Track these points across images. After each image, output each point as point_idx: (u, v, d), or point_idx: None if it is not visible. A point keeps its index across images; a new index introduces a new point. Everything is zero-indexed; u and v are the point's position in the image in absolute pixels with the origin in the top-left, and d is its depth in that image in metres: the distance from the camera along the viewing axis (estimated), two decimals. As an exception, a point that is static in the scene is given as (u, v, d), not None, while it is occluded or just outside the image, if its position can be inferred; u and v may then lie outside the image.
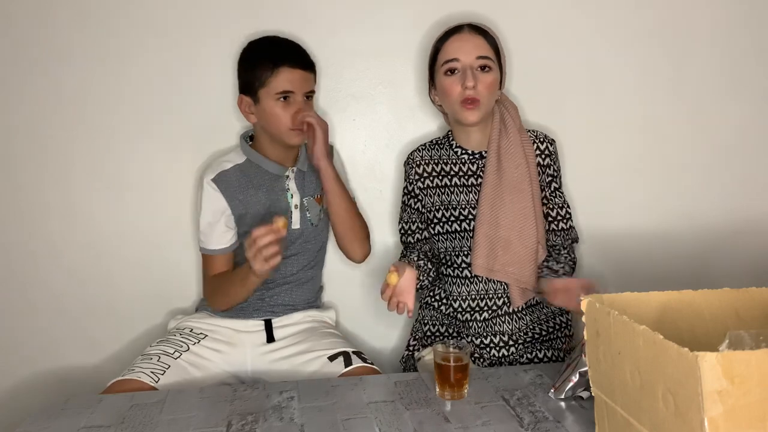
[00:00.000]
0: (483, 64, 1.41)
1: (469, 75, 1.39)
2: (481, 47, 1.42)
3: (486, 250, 1.43)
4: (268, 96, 1.44)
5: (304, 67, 1.46)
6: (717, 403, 0.68)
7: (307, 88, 1.47)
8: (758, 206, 1.85)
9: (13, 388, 1.69)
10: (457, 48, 1.42)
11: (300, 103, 1.45)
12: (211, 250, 1.52)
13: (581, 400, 1.14)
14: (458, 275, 1.49)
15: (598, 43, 1.75)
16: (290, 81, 1.43)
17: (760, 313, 0.96)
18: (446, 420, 1.08)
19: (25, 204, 1.66)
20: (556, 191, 1.51)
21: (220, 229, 1.51)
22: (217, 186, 1.49)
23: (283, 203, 1.53)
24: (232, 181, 1.51)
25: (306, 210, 1.55)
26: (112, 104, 1.65)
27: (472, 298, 1.48)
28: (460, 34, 1.43)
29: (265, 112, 1.46)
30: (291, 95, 1.44)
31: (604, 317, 0.88)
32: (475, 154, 1.49)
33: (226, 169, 1.51)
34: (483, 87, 1.40)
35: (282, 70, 1.43)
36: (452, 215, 1.48)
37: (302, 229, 1.55)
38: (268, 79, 1.43)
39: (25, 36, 1.61)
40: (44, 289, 1.68)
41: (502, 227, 1.42)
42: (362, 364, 1.40)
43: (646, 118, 1.79)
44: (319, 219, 1.58)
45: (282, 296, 1.56)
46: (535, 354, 1.47)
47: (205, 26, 1.65)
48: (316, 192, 1.57)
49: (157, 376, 1.34)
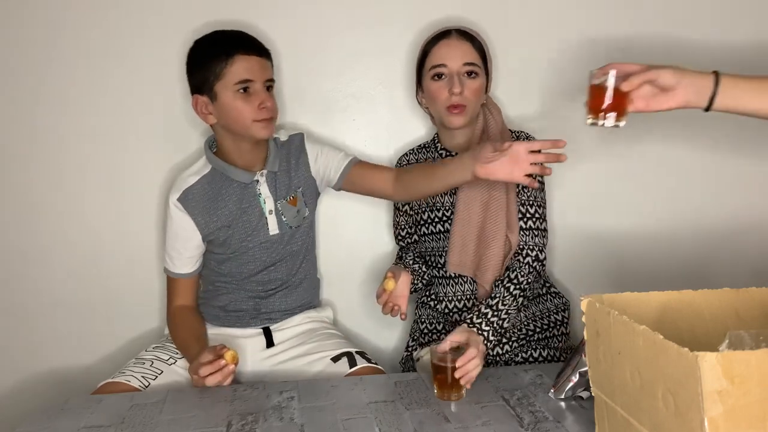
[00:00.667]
0: (470, 71, 1.43)
1: (456, 81, 1.41)
2: (469, 54, 1.43)
3: (458, 248, 1.45)
4: (225, 89, 1.35)
5: (259, 54, 1.38)
6: (717, 403, 0.68)
7: (266, 75, 1.38)
8: (758, 206, 1.85)
9: (12, 388, 1.69)
10: (445, 54, 1.43)
11: (261, 92, 1.37)
12: (175, 274, 1.49)
13: (581, 400, 1.14)
14: (443, 275, 1.51)
15: (593, 41, 1.75)
16: (248, 69, 1.35)
17: (760, 313, 0.96)
18: (446, 420, 1.08)
19: (20, 205, 1.66)
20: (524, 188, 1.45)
21: (186, 254, 1.47)
22: (183, 206, 1.44)
23: (256, 211, 1.47)
24: (199, 197, 1.44)
25: (281, 214, 1.49)
26: (103, 104, 1.65)
27: (458, 299, 1.49)
28: (448, 40, 1.44)
29: (224, 108, 1.36)
30: (250, 84, 1.35)
31: (604, 317, 0.88)
32: (456, 154, 1.51)
33: (190, 185, 1.45)
34: (469, 93, 1.42)
35: (237, 58, 1.34)
36: (436, 216, 1.51)
37: (281, 233, 1.49)
38: (224, 70, 1.33)
39: (16, 38, 1.61)
40: (43, 290, 1.68)
41: (473, 225, 1.44)
42: (367, 364, 1.39)
43: (645, 118, 1.78)
44: (302, 220, 1.52)
45: (277, 303, 1.53)
46: (530, 353, 1.47)
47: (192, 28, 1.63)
48: (289, 194, 1.50)
49: (148, 380, 1.33)
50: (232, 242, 1.47)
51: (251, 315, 1.52)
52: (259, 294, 1.52)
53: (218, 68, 1.34)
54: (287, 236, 1.51)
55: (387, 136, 1.74)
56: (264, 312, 1.53)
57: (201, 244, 1.48)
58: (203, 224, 1.45)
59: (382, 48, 1.71)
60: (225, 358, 1.26)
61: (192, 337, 1.44)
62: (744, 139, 1.82)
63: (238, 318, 1.52)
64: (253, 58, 1.37)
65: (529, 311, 1.50)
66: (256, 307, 1.52)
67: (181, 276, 1.50)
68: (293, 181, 1.50)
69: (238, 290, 1.52)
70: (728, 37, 1.76)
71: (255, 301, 1.52)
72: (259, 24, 1.62)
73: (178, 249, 1.48)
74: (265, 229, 1.47)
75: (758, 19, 1.79)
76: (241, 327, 1.52)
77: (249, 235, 1.47)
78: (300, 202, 1.51)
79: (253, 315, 1.52)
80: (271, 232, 1.48)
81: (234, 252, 1.48)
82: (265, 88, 1.39)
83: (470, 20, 1.62)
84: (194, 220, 1.45)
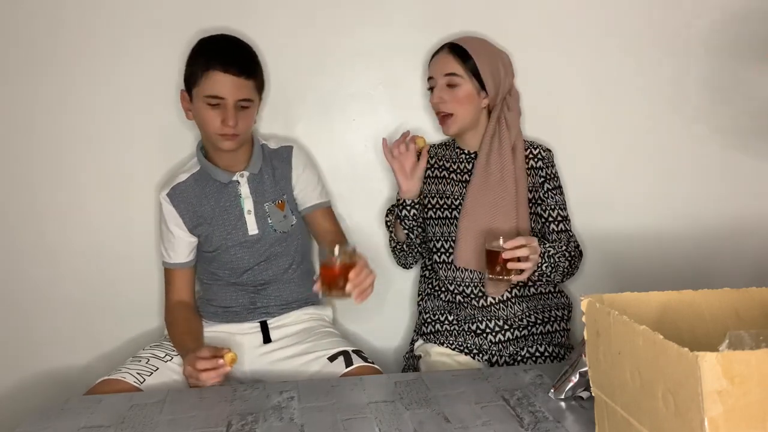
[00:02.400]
0: (448, 82, 1.50)
1: (436, 92, 1.52)
2: (449, 65, 1.50)
3: (464, 243, 1.50)
4: (198, 97, 1.40)
5: (238, 74, 1.38)
6: (717, 403, 0.68)
7: (239, 95, 1.39)
8: (758, 206, 1.85)
9: (12, 388, 1.69)
10: (432, 67, 1.55)
11: (231, 110, 1.38)
12: (171, 264, 1.54)
13: (581, 400, 1.14)
14: (444, 261, 1.55)
15: (597, 48, 1.75)
16: (220, 85, 1.37)
17: (760, 313, 0.96)
18: (446, 420, 1.08)
19: (22, 205, 1.66)
20: (549, 192, 1.55)
21: (178, 243, 1.52)
22: (170, 200, 1.51)
23: (236, 210, 1.51)
24: (186, 193, 1.51)
25: (267, 216, 1.52)
26: (102, 105, 1.65)
27: (458, 284, 1.54)
28: (438, 55, 1.54)
29: (196, 112, 1.43)
30: (220, 101, 1.38)
31: (604, 317, 0.88)
32: (470, 154, 1.58)
33: (181, 182, 1.52)
34: (452, 101, 1.50)
35: (212, 73, 1.37)
36: (445, 203, 1.57)
37: (261, 234, 1.51)
38: (199, 80, 1.38)
39: (18, 40, 1.61)
40: (43, 290, 1.68)
41: (481, 222, 1.49)
42: (363, 363, 1.39)
43: (646, 118, 1.79)
44: (289, 227, 1.55)
45: (272, 296, 1.55)
46: (536, 348, 1.50)
47: (194, 29, 1.64)
48: (278, 197, 1.53)
49: (143, 377, 1.34)
50: (213, 239, 1.51)
51: (247, 309, 1.54)
52: (251, 289, 1.54)
53: (195, 76, 1.40)
54: (271, 238, 1.53)
55: (387, 136, 1.74)
56: (260, 306, 1.54)
57: (191, 237, 1.52)
58: (187, 219, 1.51)
59: (382, 48, 1.71)
60: (224, 358, 1.27)
61: (188, 334, 1.46)
62: (744, 139, 1.83)
63: (235, 313, 1.54)
64: (229, 77, 1.38)
65: (531, 303, 1.53)
66: (251, 301, 1.54)
67: (178, 266, 1.53)
68: (278, 186, 1.53)
69: (231, 286, 1.54)
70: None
71: (250, 295, 1.54)
72: (260, 24, 1.63)
73: (171, 240, 1.53)
74: (243, 229, 1.50)
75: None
76: (238, 322, 1.53)
77: (229, 233, 1.51)
78: (286, 208, 1.55)
79: (250, 309, 1.54)
80: (251, 232, 1.51)
81: (216, 250, 1.52)
82: (238, 106, 1.40)
83: (469, 20, 1.63)
84: (180, 215, 1.51)
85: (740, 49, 1.79)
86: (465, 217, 1.51)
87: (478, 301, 1.52)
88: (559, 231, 1.54)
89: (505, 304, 1.52)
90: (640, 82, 1.78)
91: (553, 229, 1.54)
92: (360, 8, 1.69)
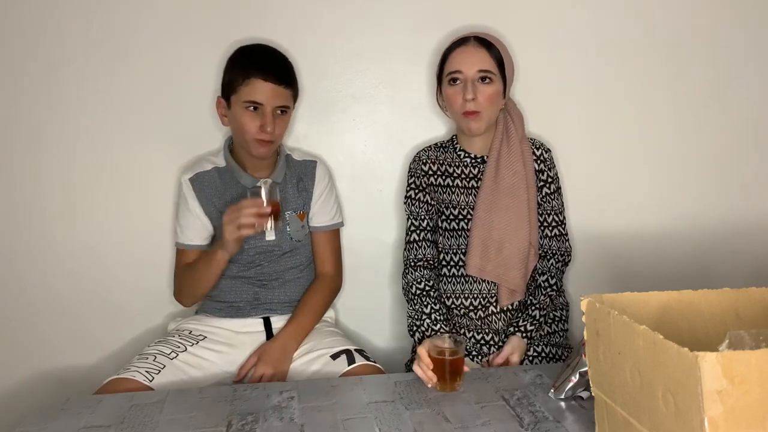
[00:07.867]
0: (483, 77, 1.44)
1: (469, 87, 1.43)
2: (484, 61, 1.45)
3: (479, 251, 1.48)
4: (237, 103, 1.44)
5: (278, 82, 1.44)
6: (717, 403, 0.68)
7: (277, 102, 1.45)
8: (758, 206, 1.85)
9: (12, 388, 1.69)
10: (461, 60, 1.45)
11: (268, 115, 1.44)
12: (184, 245, 1.55)
13: (581, 400, 1.14)
14: (453, 274, 1.52)
15: (597, 47, 1.75)
16: (260, 92, 1.42)
17: (760, 313, 0.96)
18: (446, 420, 1.08)
19: (24, 204, 1.66)
20: (548, 196, 1.53)
21: (194, 225, 1.54)
22: (192, 186, 1.53)
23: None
24: (207, 183, 1.53)
25: (287, 224, 1.55)
26: (110, 106, 1.65)
27: (465, 297, 1.52)
28: (466, 47, 1.46)
29: (234, 118, 1.46)
30: (259, 106, 1.43)
31: (604, 317, 0.88)
32: (477, 158, 1.54)
33: (205, 170, 1.54)
34: (483, 99, 1.44)
35: (253, 81, 1.42)
36: (451, 213, 1.53)
37: (278, 241, 1.54)
38: (239, 87, 1.43)
39: (25, 40, 1.61)
40: (44, 289, 1.68)
41: (495, 230, 1.47)
42: (365, 362, 1.40)
43: (646, 119, 1.79)
44: (304, 236, 1.59)
45: (277, 292, 1.56)
46: (533, 348, 1.49)
47: (203, 29, 1.65)
48: (299, 208, 1.57)
49: (152, 375, 1.34)
50: None
51: (251, 305, 1.55)
52: (257, 283, 1.55)
53: (236, 83, 1.44)
54: (287, 245, 1.55)
55: (387, 136, 1.74)
56: (264, 302, 1.55)
57: (207, 220, 1.54)
58: (206, 209, 1.53)
59: (383, 48, 1.71)
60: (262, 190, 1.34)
61: (203, 253, 1.51)
62: (744, 139, 1.83)
63: (238, 309, 1.54)
64: (269, 84, 1.43)
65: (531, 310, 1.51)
66: (255, 296, 1.55)
67: (192, 247, 1.55)
68: (301, 196, 1.57)
69: (235, 279, 1.55)
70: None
71: (255, 290, 1.55)
72: (259, 24, 1.63)
73: (186, 220, 1.54)
74: (261, 234, 1.51)
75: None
76: (242, 317, 1.54)
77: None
78: (306, 218, 1.58)
79: (253, 305, 1.55)
80: (268, 237, 1.53)
81: None
82: (276, 112, 1.46)
83: (468, 20, 1.62)
84: (200, 202, 1.53)
85: (740, 49, 1.79)
86: (477, 227, 1.48)
87: (476, 312, 1.51)
88: (552, 236, 1.53)
89: (506, 314, 1.51)
90: (640, 82, 1.78)
91: (547, 234, 1.53)
92: (360, 9, 1.69)
